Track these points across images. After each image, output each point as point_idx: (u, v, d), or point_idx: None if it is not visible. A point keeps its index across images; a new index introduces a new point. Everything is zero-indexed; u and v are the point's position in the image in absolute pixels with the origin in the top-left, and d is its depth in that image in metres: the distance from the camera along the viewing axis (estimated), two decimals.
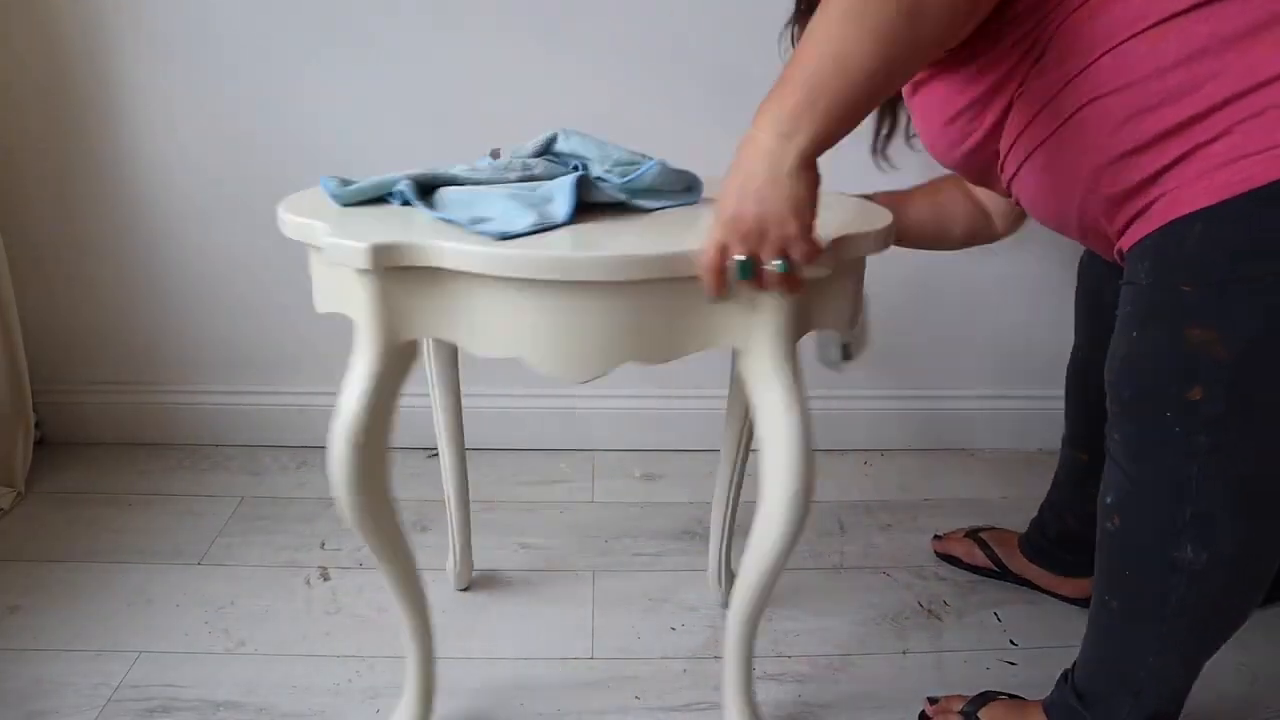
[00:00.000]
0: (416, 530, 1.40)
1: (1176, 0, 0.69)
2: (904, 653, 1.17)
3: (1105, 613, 0.88)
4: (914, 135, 1.03)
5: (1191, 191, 0.70)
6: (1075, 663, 0.95)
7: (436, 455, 1.17)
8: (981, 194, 1.14)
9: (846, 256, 0.76)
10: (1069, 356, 1.19)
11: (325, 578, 1.28)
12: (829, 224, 0.76)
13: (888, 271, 1.14)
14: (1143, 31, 0.71)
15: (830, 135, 0.67)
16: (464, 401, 1.16)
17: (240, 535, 1.37)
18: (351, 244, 0.70)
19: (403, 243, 0.70)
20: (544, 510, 1.47)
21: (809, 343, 0.88)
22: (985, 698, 1.02)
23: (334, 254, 0.71)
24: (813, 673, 1.13)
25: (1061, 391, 1.21)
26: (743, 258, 0.67)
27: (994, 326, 1.58)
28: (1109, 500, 0.83)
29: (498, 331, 0.74)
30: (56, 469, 1.53)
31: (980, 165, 0.92)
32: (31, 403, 1.51)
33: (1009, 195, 0.97)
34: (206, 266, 1.51)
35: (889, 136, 1.15)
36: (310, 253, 0.81)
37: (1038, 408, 1.62)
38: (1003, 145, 0.87)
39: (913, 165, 1.12)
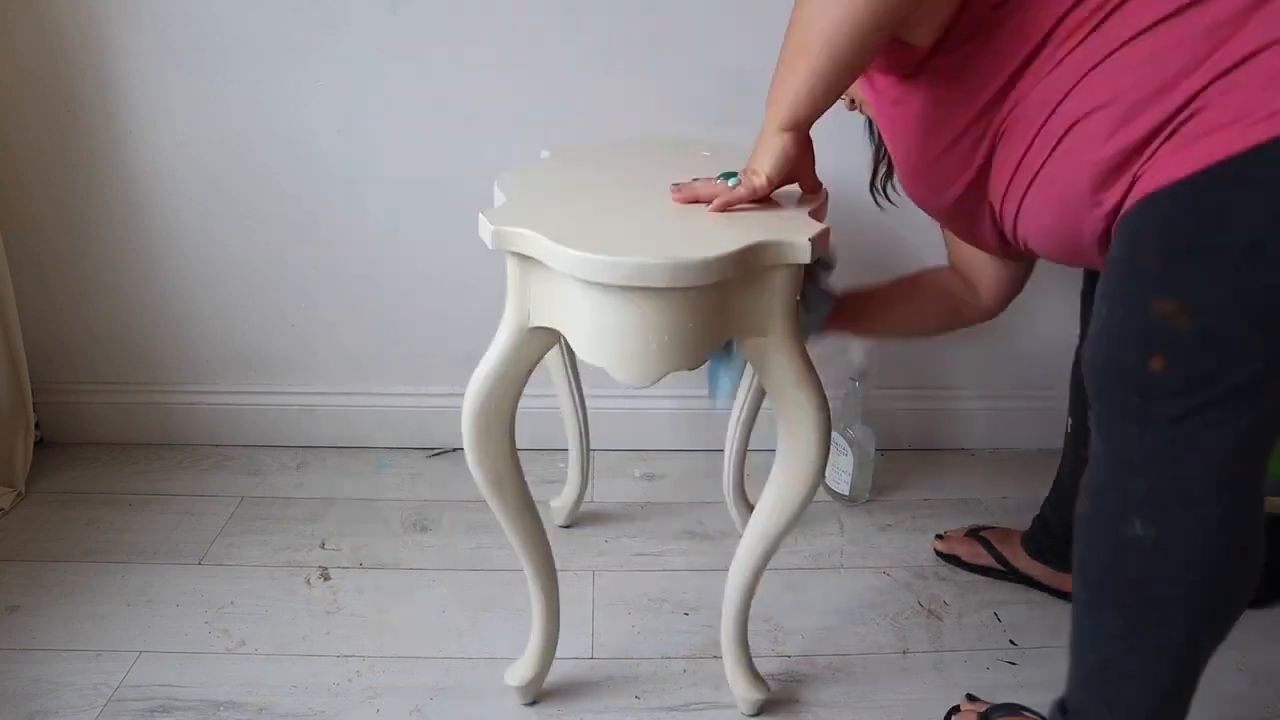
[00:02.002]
0: (416, 530, 1.40)
1: (1154, 10, 0.71)
2: (904, 653, 1.17)
3: (1075, 606, 0.85)
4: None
5: (1165, 167, 0.70)
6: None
7: (438, 454, 1.18)
8: (969, 268, 1.09)
9: (754, 265, 0.76)
10: (1073, 356, 1.18)
11: (325, 578, 1.28)
12: (745, 233, 0.77)
13: (888, 272, 1.14)
14: (1127, 43, 0.72)
15: (801, 108, 0.79)
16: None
17: (240, 535, 1.37)
18: (484, 221, 0.77)
19: (510, 229, 0.75)
20: (543, 510, 1.46)
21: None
22: (1010, 709, 1.01)
23: (481, 230, 0.78)
24: (813, 673, 1.13)
25: (1062, 391, 1.21)
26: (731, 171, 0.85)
27: (994, 326, 1.58)
28: (1083, 482, 0.81)
29: (582, 329, 0.78)
30: (56, 469, 1.53)
31: (969, 209, 0.90)
32: (31, 403, 1.51)
33: (1008, 249, 0.94)
34: (206, 266, 1.51)
35: (889, 174, 1.13)
36: None
37: (1038, 408, 1.61)
38: (997, 181, 0.85)
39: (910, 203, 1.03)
